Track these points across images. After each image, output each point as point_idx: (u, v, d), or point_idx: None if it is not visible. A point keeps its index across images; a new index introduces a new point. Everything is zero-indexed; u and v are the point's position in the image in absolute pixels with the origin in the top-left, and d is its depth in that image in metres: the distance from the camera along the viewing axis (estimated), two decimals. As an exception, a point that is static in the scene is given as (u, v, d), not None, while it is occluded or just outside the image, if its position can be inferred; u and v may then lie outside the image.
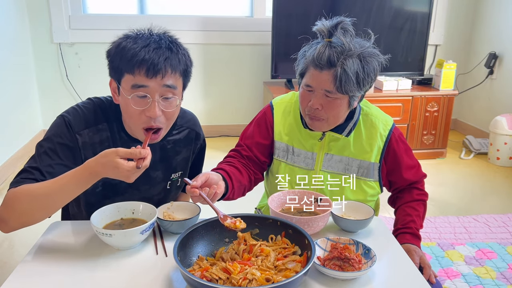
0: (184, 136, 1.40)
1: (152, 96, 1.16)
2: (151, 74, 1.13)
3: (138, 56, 1.12)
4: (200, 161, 1.54)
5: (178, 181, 1.44)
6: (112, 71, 1.20)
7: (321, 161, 1.41)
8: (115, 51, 1.17)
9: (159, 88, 1.16)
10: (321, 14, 1.44)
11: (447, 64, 3.48)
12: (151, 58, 1.13)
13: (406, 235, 1.37)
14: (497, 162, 3.49)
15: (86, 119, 1.24)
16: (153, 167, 1.33)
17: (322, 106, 1.29)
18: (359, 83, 1.25)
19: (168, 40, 1.19)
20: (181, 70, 1.20)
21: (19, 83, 3.41)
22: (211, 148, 3.69)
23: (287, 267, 1.01)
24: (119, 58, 1.16)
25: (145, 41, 1.15)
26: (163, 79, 1.15)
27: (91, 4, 3.72)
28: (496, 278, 2.06)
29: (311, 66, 1.28)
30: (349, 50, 1.23)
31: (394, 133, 1.41)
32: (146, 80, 1.14)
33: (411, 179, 1.45)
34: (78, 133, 1.22)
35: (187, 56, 1.23)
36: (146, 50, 1.13)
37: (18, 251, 2.22)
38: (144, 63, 1.12)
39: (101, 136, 1.26)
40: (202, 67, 3.91)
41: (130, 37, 1.18)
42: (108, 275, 1.04)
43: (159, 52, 1.14)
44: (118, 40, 1.19)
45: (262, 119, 1.48)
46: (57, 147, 1.19)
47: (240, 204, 1.55)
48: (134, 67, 1.13)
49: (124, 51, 1.14)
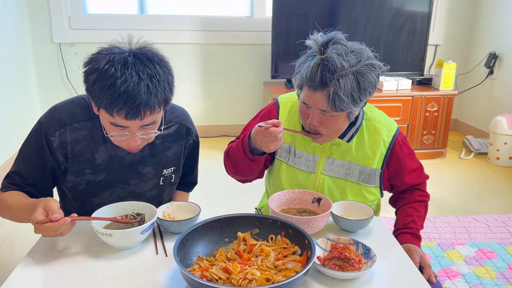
0: (173, 131, 1.40)
1: (131, 132, 1.16)
2: (129, 118, 1.11)
3: (116, 103, 1.09)
4: (195, 158, 1.53)
5: (172, 177, 1.44)
6: (89, 95, 1.15)
7: (322, 164, 1.40)
8: (92, 87, 1.11)
9: (138, 127, 1.16)
10: (321, 14, 1.44)
11: (447, 64, 3.48)
12: (129, 105, 1.09)
13: (407, 235, 1.37)
14: (497, 162, 3.49)
15: (60, 119, 1.27)
16: (142, 162, 1.34)
17: (320, 123, 1.27)
18: (354, 101, 1.21)
19: (147, 68, 1.11)
20: (161, 103, 1.16)
21: (19, 83, 3.40)
22: (211, 148, 3.72)
23: (287, 267, 1.01)
24: (96, 95, 1.11)
25: (123, 78, 1.08)
26: (142, 121, 1.14)
27: (91, 4, 3.72)
28: (496, 278, 2.06)
29: (305, 84, 1.24)
30: (342, 68, 1.18)
31: (398, 139, 1.39)
32: (125, 122, 1.13)
33: (414, 182, 1.45)
34: (52, 135, 1.26)
35: (167, 81, 1.16)
36: (124, 95, 1.08)
37: (18, 251, 2.22)
38: (122, 110, 1.10)
39: (78, 134, 1.27)
40: (202, 67, 3.91)
41: (106, 70, 1.09)
42: (108, 275, 1.04)
43: (138, 95, 1.09)
44: (95, 71, 1.10)
45: (267, 115, 1.46)
46: (34, 152, 1.27)
47: (240, 204, 1.55)
48: (113, 112, 1.11)
49: (101, 93, 1.10)
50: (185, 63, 3.87)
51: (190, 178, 1.57)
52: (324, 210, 1.25)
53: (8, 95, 3.18)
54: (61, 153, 1.28)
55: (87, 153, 1.29)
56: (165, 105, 1.19)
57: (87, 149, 1.29)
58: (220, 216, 1.14)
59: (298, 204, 1.32)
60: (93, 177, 1.32)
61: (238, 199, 2.46)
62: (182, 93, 3.92)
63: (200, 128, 3.96)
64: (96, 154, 1.30)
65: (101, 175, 1.32)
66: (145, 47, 1.17)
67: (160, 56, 1.17)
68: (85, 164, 1.30)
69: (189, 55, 3.86)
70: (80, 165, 1.30)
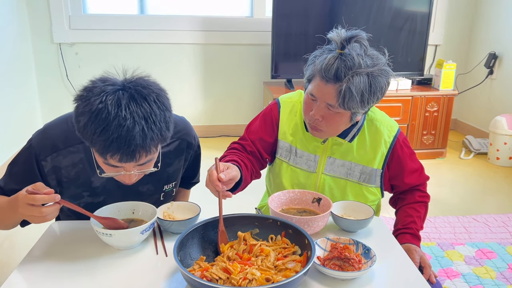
0: (174, 148, 1.35)
1: (126, 171, 1.11)
2: (124, 161, 1.06)
3: (110, 149, 1.02)
4: (197, 165, 1.51)
5: (173, 191, 1.41)
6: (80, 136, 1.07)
7: (323, 164, 1.40)
8: (83, 129, 1.04)
9: (133, 166, 1.11)
10: (321, 14, 1.44)
11: (447, 64, 3.48)
12: (123, 151, 1.02)
13: (406, 235, 1.37)
14: (497, 162, 3.49)
15: (53, 144, 1.21)
16: (141, 182, 1.26)
17: (322, 118, 1.27)
18: (363, 101, 1.22)
19: (141, 109, 1.03)
20: (157, 143, 1.09)
21: (19, 83, 3.40)
22: (211, 148, 3.72)
23: (287, 267, 1.01)
24: (88, 139, 1.04)
25: (117, 123, 1.00)
26: (137, 161, 1.08)
27: (91, 4, 3.72)
28: (496, 278, 2.06)
29: (318, 75, 1.24)
30: (358, 66, 1.19)
31: (399, 139, 1.40)
32: (119, 164, 1.08)
33: (414, 182, 1.45)
34: (44, 160, 1.20)
35: (164, 119, 1.08)
36: (118, 141, 1.01)
37: (18, 251, 2.22)
38: (116, 154, 1.03)
39: (74, 158, 1.22)
40: (202, 67, 3.91)
41: (100, 111, 1.01)
42: (108, 275, 1.04)
43: (133, 141, 1.02)
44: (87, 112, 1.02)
45: (268, 115, 1.46)
46: (22, 172, 1.22)
47: (240, 204, 1.55)
48: (106, 156, 1.05)
49: (93, 137, 1.02)
50: (185, 63, 3.87)
51: (191, 180, 1.56)
52: (324, 210, 1.25)
53: (8, 95, 3.18)
54: (54, 178, 1.22)
55: (84, 176, 1.24)
56: (162, 143, 1.12)
57: (84, 173, 1.24)
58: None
59: (298, 204, 1.32)
60: (91, 200, 1.28)
61: (238, 199, 2.45)
62: (182, 93, 3.93)
63: (200, 128, 3.97)
64: (93, 177, 1.24)
65: (99, 197, 1.28)
66: (141, 82, 1.08)
67: (157, 92, 1.08)
68: (82, 187, 1.26)
69: (189, 55, 3.86)
70: (77, 189, 1.25)
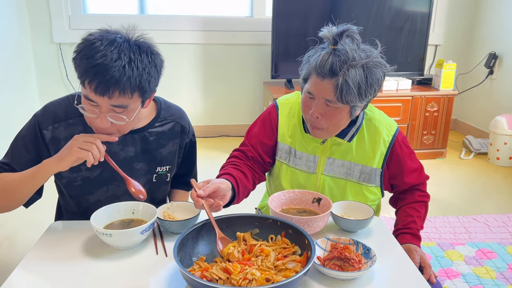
0: (168, 129, 1.40)
1: (100, 110, 1.16)
2: (98, 93, 1.11)
3: (88, 73, 1.10)
4: (192, 157, 1.53)
5: (167, 176, 1.43)
6: (73, 64, 1.17)
7: (323, 165, 1.40)
8: (76, 55, 1.14)
9: (107, 106, 1.15)
10: (321, 14, 1.44)
11: (447, 64, 3.48)
12: (99, 78, 1.09)
13: (406, 235, 1.37)
14: (497, 162, 3.49)
15: (55, 114, 1.29)
16: (136, 158, 1.35)
17: (322, 115, 1.27)
18: (360, 94, 1.22)
19: (131, 52, 1.13)
20: (134, 89, 1.14)
21: (19, 82, 3.40)
22: (211, 148, 3.72)
23: (287, 267, 1.01)
24: (76, 63, 1.13)
25: (103, 53, 1.10)
26: (111, 100, 1.13)
27: (91, 4, 3.72)
28: (496, 278, 2.06)
29: (313, 73, 1.25)
30: (353, 59, 1.20)
31: (398, 138, 1.40)
32: (95, 97, 1.13)
33: (414, 182, 1.45)
34: (45, 129, 1.28)
35: (148, 71, 1.16)
36: (98, 67, 1.09)
37: (18, 251, 2.22)
38: (93, 81, 1.10)
39: (73, 130, 1.28)
40: (202, 67, 3.91)
41: (93, 43, 1.11)
42: (108, 275, 1.04)
43: (110, 71, 1.09)
44: (84, 43, 1.14)
45: (267, 118, 1.47)
46: (27, 143, 1.29)
47: (240, 204, 1.55)
48: (85, 82, 1.12)
49: (80, 62, 1.11)
50: (185, 63, 3.87)
51: (189, 177, 1.56)
52: (324, 210, 1.25)
53: (8, 95, 3.18)
54: (53, 149, 1.28)
55: None
56: (139, 93, 1.16)
57: None
58: (220, 216, 1.14)
59: (298, 204, 1.32)
60: (88, 174, 1.32)
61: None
62: (182, 93, 3.93)
63: (200, 128, 3.97)
64: None
65: (96, 171, 1.32)
66: (143, 39, 1.17)
67: (152, 49, 1.17)
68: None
69: (189, 55, 3.86)
70: None
